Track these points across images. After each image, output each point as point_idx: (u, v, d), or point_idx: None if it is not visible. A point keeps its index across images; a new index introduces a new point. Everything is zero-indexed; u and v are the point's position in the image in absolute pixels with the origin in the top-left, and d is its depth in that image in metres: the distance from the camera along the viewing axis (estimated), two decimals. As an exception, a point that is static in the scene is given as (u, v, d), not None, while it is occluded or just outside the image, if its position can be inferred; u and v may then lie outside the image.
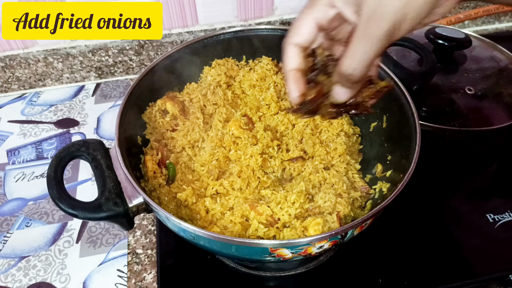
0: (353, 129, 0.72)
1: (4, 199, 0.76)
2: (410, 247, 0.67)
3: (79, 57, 0.97)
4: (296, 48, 0.39)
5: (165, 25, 0.98)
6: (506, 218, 0.70)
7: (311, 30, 0.38)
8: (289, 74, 0.40)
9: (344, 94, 0.39)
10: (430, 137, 0.73)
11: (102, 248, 0.69)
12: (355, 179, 0.65)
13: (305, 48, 0.39)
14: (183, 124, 0.69)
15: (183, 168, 0.64)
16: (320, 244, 0.49)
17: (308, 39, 0.38)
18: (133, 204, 0.53)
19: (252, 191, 0.61)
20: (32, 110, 0.92)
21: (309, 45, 0.39)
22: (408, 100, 0.61)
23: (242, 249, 0.50)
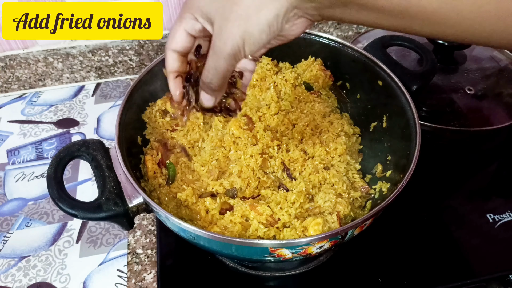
0: (353, 129, 0.72)
1: (4, 199, 0.76)
2: (410, 247, 0.67)
3: (79, 57, 0.97)
4: (173, 53, 0.43)
5: (165, 25, 0.98)
6: (506, 218, 0.70)
7: (184, 38, 0.42)
8: (169, 75, 0.45)
9: (208, 100, 0.44)
10: (430, 137, 0.73)
11: (102, 248, 0.69)
12: (355, 179, 0.65)
13: (184, 53, 0.44)
14: (183, 124, 0.69)
15: (183, 168, 0.64)
16: (320, 244, 0.49)
17: (183, 46, 0.43)
18: (133, 204, 0.53)
19: (252, 191, 0.61)
20: (32, 110, 0.92)
21: (186, 50, 0.43)
22: (408, 100, 0.61)
23: (242, 249, 0.50)
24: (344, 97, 0.76)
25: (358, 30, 1.07)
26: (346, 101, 0.76)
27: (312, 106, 0.72)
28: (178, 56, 0.43)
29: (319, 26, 1.04)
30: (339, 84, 0.76)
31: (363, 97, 0.73)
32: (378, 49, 0.70)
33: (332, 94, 0.76)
